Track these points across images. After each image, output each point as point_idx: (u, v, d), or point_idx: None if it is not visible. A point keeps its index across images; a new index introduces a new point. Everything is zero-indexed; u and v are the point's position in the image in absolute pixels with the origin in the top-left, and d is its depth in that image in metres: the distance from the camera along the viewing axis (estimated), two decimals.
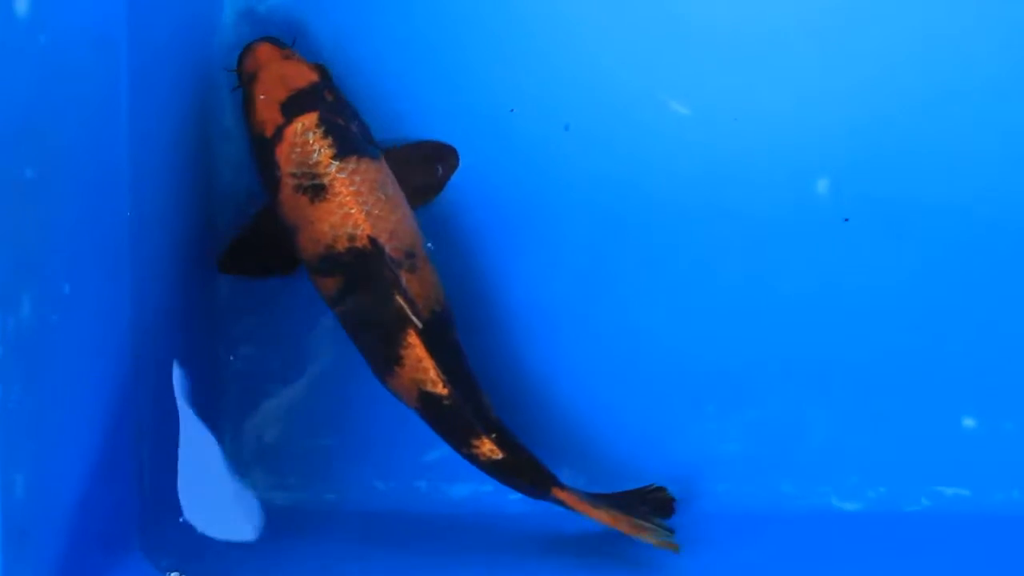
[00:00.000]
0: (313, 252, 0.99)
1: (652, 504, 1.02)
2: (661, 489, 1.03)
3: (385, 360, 0.98)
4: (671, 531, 0.98)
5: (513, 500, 1.04)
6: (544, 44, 1.09)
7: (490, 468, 0.99)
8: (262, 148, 1.00)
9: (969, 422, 1.09)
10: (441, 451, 1.06)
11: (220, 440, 1.09)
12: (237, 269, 1.07)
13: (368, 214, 0.97)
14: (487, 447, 0.97)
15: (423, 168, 1.07)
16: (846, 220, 1.09)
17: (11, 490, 0.78)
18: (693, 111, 1.09)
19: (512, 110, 1.09)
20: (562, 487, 0.98)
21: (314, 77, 1.01)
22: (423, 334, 0.96)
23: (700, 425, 1.10)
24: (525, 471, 0.98)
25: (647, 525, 0.98)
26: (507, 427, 0.99)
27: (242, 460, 1.09)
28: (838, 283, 1.09)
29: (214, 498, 1.07)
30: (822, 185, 1.09)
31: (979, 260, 1.09)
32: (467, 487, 1.09)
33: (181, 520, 1.04)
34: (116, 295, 0.96)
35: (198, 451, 1.07)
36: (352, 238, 0.97)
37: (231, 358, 1.10)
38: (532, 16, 1.09)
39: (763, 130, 1.09)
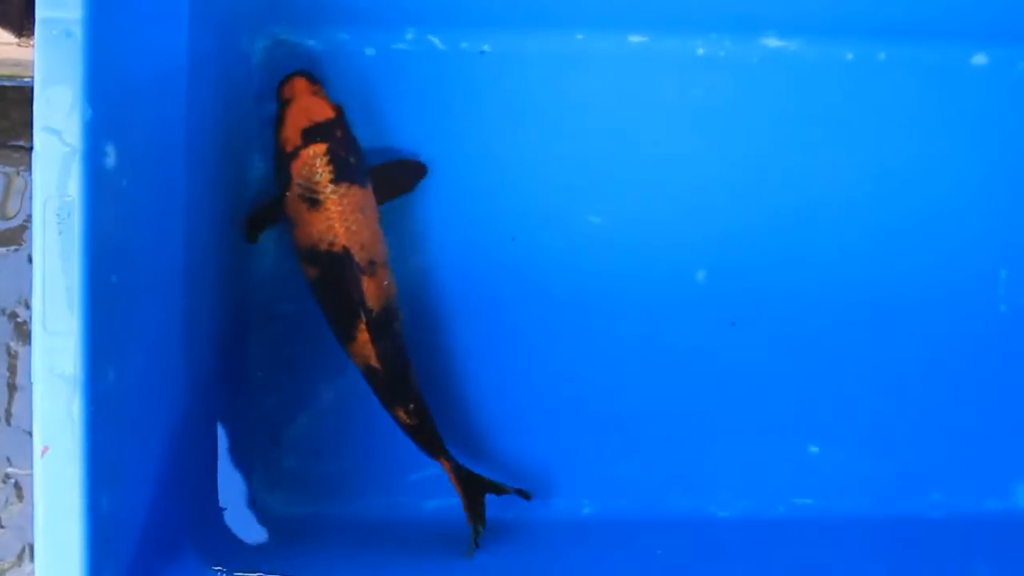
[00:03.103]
0: (303, 244, 1.10)
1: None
2: (525, 493, 1.14)
3: (344, 335, 1.10)
4: (475, 543, 1.10)
5: None
6: (496, 175, 1.19)
7: (405, 428, 1.11)
8: (282, 158, 1.10)
9: (814, 448, 1.19)
10: (419, 473, 1.17)
11: (252, 466, 1.18)
12: (259, 229, 1.15)
13: (347, 229, 1.08)
14: (402, 413, 1.11)
15: (401, 175, 1.16)
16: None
17: (98, 507, 0.85)
18: (604, 221, 1.20)
19: (470, 222, 1.19)
20: (448, 458, 1.11)
21: (331, 114, 1.10)
22: (370, 325, 1.08)
23: (610, 453, 1.19)
24: (426, 437, 1.11)
25: (474, 525, 1.10)
26: (424, 402, 1.10)
27: (268, 481, 1.17)
28: (713, 345, 1.19)
29: (247, 510, 1.16)
30: (700, 274, 1.20)
31: (838, 332, 1.20)
32: (438, 501, 1.18)
33: (223, 526, 1.13)
34: (174, 364, 1.02)
35: (236, 474, 1.16)
36: (331, 244, 1.08)
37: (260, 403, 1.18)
38: (493, 154, 1.19)
39: (655, 233, 1.19)
